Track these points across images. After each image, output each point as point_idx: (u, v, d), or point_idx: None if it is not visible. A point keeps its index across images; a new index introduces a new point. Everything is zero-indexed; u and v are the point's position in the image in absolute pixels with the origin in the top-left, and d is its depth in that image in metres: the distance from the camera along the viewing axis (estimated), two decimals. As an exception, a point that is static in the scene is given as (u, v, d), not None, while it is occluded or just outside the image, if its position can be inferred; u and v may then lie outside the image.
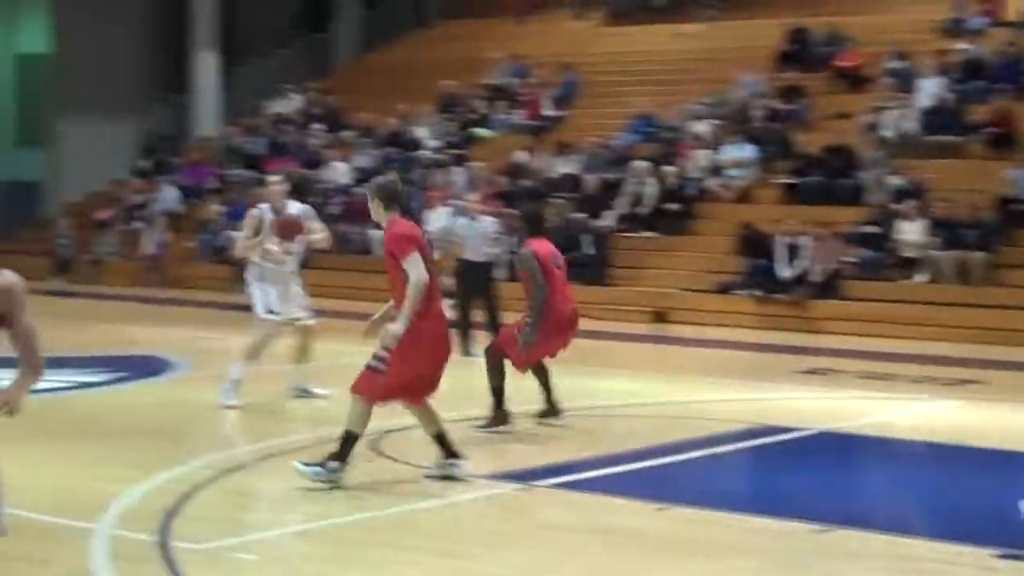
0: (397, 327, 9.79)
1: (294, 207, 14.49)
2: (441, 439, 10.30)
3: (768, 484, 11.65)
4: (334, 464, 9.84)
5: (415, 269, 9.84)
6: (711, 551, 8.69)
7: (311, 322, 14.67)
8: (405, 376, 9.91)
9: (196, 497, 9.72)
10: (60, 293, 28.11)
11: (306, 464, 9.92)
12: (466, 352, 18.24)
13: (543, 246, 13.06)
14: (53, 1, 36.86)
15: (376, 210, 10.20)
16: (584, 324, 21.49)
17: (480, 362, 17.51)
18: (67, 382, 15.89)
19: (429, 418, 10.31)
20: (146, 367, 17.49)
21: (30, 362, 6.25)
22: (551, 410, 13.18)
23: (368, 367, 10.01)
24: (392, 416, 12.49)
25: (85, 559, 8.12)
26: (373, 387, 9.92)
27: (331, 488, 9.74)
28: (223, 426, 13.49)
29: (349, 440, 9.91)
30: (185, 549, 8.33)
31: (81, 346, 19.62)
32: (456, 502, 9.97)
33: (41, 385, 15.24)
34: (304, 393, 14.51)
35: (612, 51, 33.52)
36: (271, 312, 14.31)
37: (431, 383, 10.17)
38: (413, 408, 10.35)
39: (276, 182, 14.79)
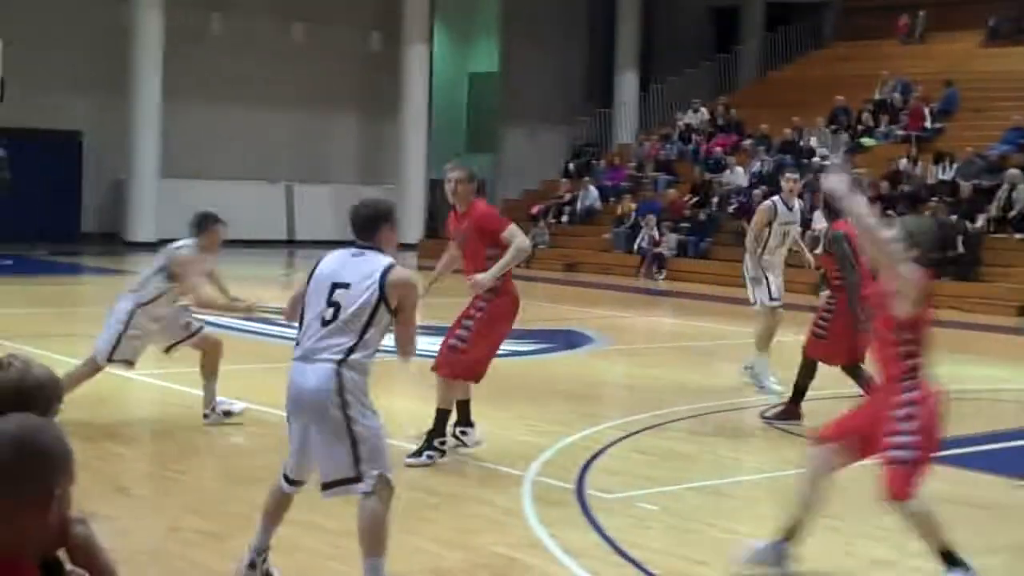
0: (486, 276, 9.11)
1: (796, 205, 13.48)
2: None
3: None
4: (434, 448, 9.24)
5: (518, 236, 9.23)
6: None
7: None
8: (482, 353, 9.41)
9: (607, 453, 9.85)
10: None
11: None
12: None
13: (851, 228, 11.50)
14: (501, 29, 37.97)
15: (466, 193, 9.36)
16: (955, 316, 20.94)
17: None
18: (503, 350, 16.32)
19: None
20: (569, 340, 17.78)
21: (402, 348, 6.36)
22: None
23: (449, 346, 9.39)
24: (787, 390, 12.40)
25: (516, 501, 8.33)
26: (456, 366, 9.30)
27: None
28: (630, 393, 13.64)
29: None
30: (596, 497, 8.45)
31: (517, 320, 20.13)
32: (834, 470, 9.82)
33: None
34: (758, 384, 12.94)
35: (990, 70, 32.34)
36: (773, 300, 13.23)
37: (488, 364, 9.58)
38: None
39: (792, 180, 13.57)
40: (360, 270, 6.21)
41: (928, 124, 30.14)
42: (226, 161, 32.64)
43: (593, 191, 32.33)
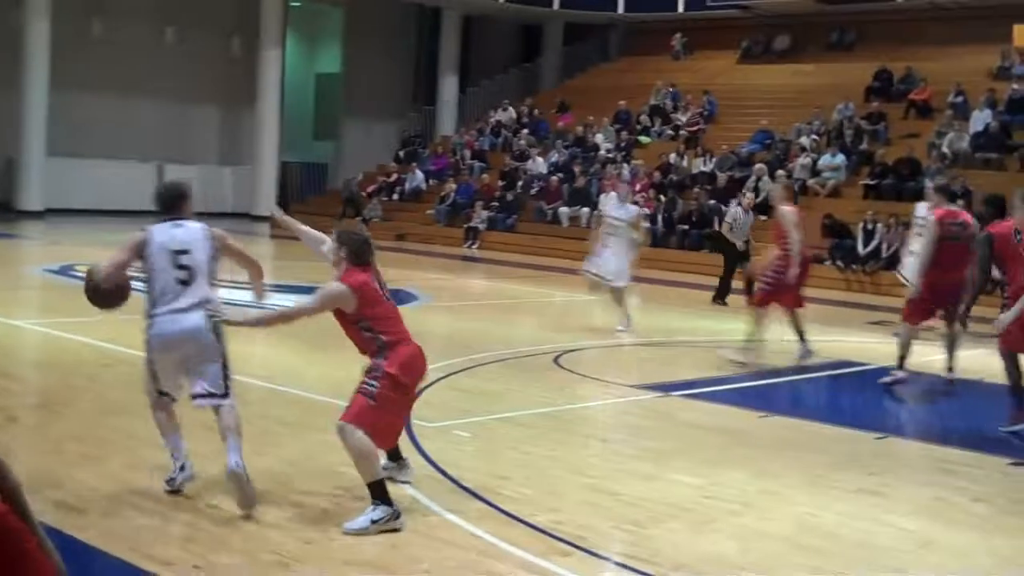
0: None
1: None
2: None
3: (842, 402, 11.49)
4: None
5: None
6: (797, 448, 8.63)
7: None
8: None
9: (428, 390, 9.86)
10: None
11: None
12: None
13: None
14: (343, 37, 37.54)
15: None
16: (713, 282, 21.34)
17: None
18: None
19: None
20: (399, 298, 17.60)
21: (253, 270, 7.08)
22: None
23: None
24: (577, 339, 12.57)
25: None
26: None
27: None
28: (448, 342, 13.66)
29: None
30: (420, 426, 8.47)
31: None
32: (611, 404, 10.02)
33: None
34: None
35: (742, 83, 33.09)
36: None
37: None
38: None
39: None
40: (190, 237, 6.52)
41: (692, 125, 30.75)
42: (105, 143, 31.68)
43: (419, 174, 32.24)
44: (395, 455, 7.05)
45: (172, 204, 6.66)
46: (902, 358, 11.31)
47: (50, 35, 29.42)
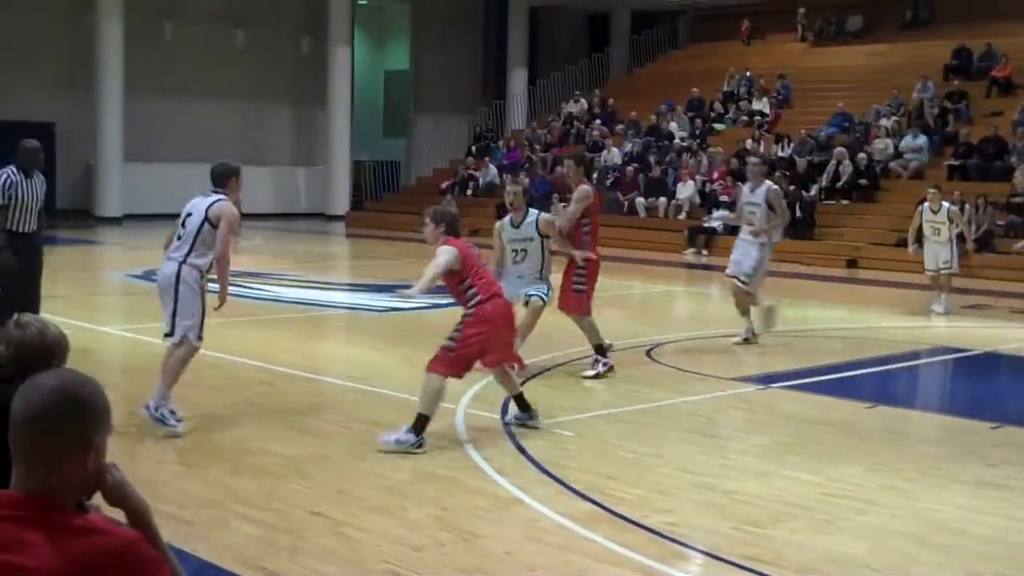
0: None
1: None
2: (519, 399, 8.34)
3: (950, 390, 11.11)
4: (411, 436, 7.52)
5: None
6: (909, 439, 8.34)
7: None
8: (472, 351, 7.82)
9: (524, 388, 9.65)
10: (412, 240, 28.44)
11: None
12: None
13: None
14: (411, 33, 37.49)
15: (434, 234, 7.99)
16: (796, 268, 21.01)
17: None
18: (426, 303, 16.03)
19: (508, 383, 8.33)
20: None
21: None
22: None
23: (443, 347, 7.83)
24: (665, 331, 12.34)
25: (451, 430, 8.14)
26: (447, 364, 7.73)
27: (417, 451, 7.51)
28: (537, 338, 13.37)
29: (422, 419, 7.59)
30: (518, 425, 8.29)
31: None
32: (712, 398, 9.72)
33: (407, 305, 15.39)
34: None
35: (817, 65, 32.52)
36: None
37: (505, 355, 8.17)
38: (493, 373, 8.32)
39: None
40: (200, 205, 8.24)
41: (768, 110, 30.28)
42: (179, 147, 31.84)
43: (492, 169, 32.04)
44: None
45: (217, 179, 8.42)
46: None
47: (123, 38, 29.58)
